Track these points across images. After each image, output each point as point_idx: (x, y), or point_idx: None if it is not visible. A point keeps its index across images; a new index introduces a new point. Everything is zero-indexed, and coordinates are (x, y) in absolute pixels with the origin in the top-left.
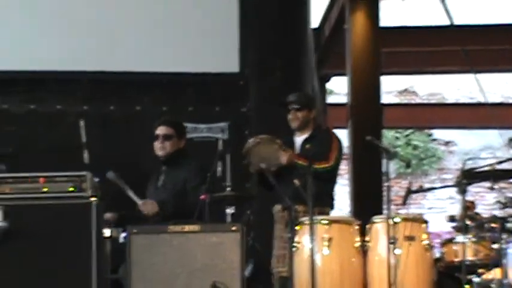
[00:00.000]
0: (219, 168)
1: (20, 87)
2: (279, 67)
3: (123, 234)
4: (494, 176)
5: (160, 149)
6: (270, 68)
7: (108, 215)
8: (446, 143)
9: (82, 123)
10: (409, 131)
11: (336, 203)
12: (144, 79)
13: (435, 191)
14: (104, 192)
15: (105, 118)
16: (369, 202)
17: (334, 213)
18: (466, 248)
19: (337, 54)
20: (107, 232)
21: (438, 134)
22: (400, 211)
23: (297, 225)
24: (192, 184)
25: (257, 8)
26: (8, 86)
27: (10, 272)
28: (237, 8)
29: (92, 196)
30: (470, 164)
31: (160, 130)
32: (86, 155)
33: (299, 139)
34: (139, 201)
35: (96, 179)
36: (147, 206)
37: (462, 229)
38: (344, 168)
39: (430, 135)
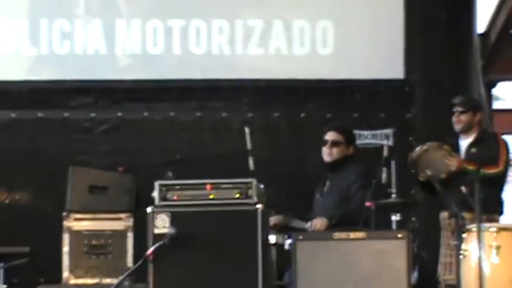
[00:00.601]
0: (384, 175)
1: (188, 95)
2: (445, 73)
3: (288, 241)
4: None
5: (328, 154)
6: (436, 74)
7: (274, 219)
8: None
9: (247, 130)
10: None
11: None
12: (308, 86)
13: None
14: (269, 199)
15: (270, 125)
16: None
17: (504, 219)
18: None
19: (503, 59)
20: (272, 239)
21: None
22: None
23: (464, 232)
24: (356, 185)
25: (423, 13)
26: (175, 94)
27: (177, 278)
28: (402, 14)
29: (257, 203)
30: None
31: (329, 136)
32: (251, 162)
33: (464, 142)
34: (306, 225)
35: (262, 186)
36: (316, 225)
37: None
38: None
39: None
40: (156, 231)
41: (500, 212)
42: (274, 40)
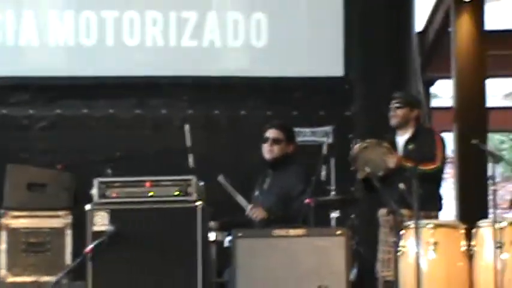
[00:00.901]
0: (324, 172)
1: (126, 92)
2: (384, 71)
3: (228, 238)
4: None
5: (268, 152)
6: (375, 72)
7: (211, 223)
8: None
9: (187, 127)
10: None
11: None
12: (248, 83)
13: None
14: (209, 196)
15: (210, 122)
16: (474, 206)
17: (443, 215)
18: None
19: (441, 57)
20: (212, 236)
21: None
22: (506, 215)
23: (402, 229)
24: (297, 190)
25: (362, 12)
26: (115, 91)
27: (116, 276)
28: (341, 12)
29: (197, 200)
30: None
31: (270, 133)
32: (191, 159)
33: (401, 139)
34: (248, 206)
35: (202, 183)
36: (256, 211)
37: None
38: (449, 171)
39: None
40: (95, 228)
41: (439, 208)
42: (208, 33)
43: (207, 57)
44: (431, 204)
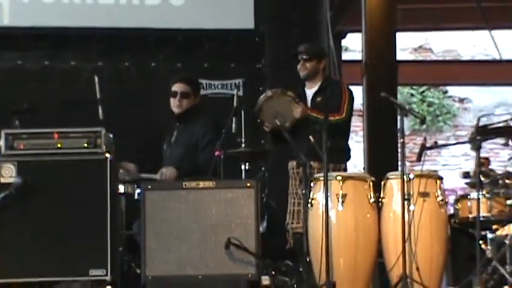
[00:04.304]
0: (234, 125)
1: (35, 43)
2: (295, 24)
3: (137, 191)
4: (508, 132)
5: (177, 106)
6: (286, 24)
7: (129, 165)
8: (461, 100)
9: (96, 79)
10: (424, 87)
11: (352, 157)
12: (159, 35)
13: (450, 147)
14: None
15: (120, 74)
16: (383, 159)
17: (350, 167)
18: (480, 204)
19: (352, 11)
20: (121, 188)
21: (453, 90)
22: (414, 168)
23: (311, 181)
24: (205, 139)
25: None
26: (22, 42)
27: (24, 228)
28: None
29: (106, 152)
30: (484, 121)
31: (178, 87)
32: (100, 111)
33: (309, 92)
34: (156, 176)
35: (111, 135)
36: (166, 174)
37: (476, 185)
38: (359, 125)
39: (445, 92)
40: (2, 180)
41: (347, 158)
42: None
43: (123, 14)
44: (340, 157)
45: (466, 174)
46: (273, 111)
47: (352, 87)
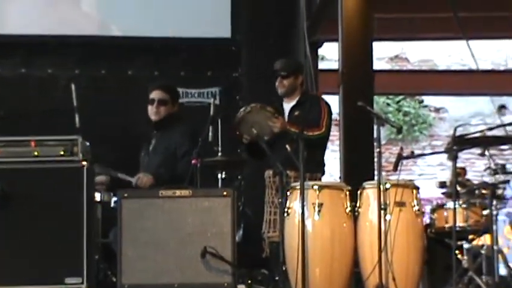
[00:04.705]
0: (211, 133)
1: (11, 51)
2: (271, 33)
3: (114, 199)
4: (484, 142)
5: (154, 113)
6: (262, 33)
7: (100, 178)
8: (437, 110)
9: (73, 87)
10: (400, 97)
11: (327, 169)
12: (136, 43)
13: (426, 157)
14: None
15: (97, 82)
16: (359, 168)
17: (325, 179)
18: (457, 214)
19: (329, 19)
20: (97, 196)
21: (429, 100)
22: (391, 177)
23: (288, 190)
24: (183, 149)
25: None
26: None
27: (0, 235)
28: None
29: (83, 160)
30: (460, 131)
31: (156, 94)
32: (77, 119)
33: (287, 106)
34: (133, 179)
35: (87, 143)
36: (142, 180)
37: (453, 195)
38: (335, 134)
39: (421, 101)
40: None
41: (322, 172)
42: None
43: (100, 22)
44: (316, 167)
45: (442, 184)
46: (252, 125)
47: (328, 97)
